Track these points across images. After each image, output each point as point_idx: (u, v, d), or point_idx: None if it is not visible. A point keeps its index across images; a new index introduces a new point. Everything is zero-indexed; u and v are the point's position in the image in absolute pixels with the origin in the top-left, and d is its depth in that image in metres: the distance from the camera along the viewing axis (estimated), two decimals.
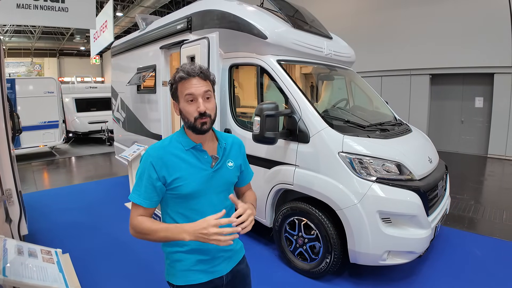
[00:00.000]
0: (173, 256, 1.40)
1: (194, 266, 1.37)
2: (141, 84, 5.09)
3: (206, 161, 1.36)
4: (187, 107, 1.29)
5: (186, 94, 1.28)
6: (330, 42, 4.01)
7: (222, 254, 1.41)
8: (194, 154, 1.34)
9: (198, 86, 1.27)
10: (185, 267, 1.38)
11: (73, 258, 3.29)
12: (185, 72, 1.27)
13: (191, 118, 1.29)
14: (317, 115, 2.90)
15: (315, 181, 2.81)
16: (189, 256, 1.37)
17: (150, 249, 3.56)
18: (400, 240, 2.59)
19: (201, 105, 1.27)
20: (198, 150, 1.35)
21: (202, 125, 1.29)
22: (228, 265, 1.45)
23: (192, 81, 1.28)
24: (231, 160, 1.44)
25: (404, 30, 10.02)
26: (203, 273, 1.38)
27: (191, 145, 1.34)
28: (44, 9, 5.66)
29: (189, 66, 1.29)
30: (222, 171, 1.40)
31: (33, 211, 4.68)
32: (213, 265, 1.39)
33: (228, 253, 1.45)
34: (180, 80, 1.29)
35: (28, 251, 2.29)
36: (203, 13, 3.72)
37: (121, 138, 6.43)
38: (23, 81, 9.28)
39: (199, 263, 1.37)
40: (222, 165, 1.40)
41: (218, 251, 1.39)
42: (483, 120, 9.11)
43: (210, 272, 1.39)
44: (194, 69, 1.28)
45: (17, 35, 24.66)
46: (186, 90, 1.28)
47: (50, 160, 9.18)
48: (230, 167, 1.43)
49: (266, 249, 3.56)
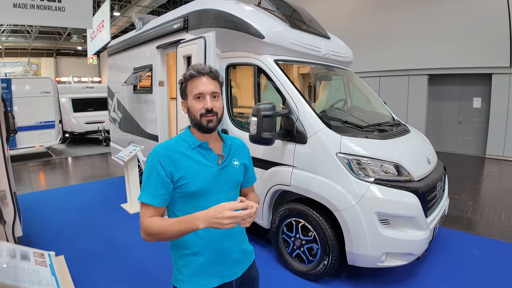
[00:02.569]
0: (181, 260, 1.37)
1: (204, 270, 1.34)
2: (137, 84, 5.05)
3: (212, 159, 1.36)
4: (194, 104, 1.32)
5: (194, 92, 1.32)
6: (328, 42, 3.98)
7: (232, 256, 1.39)
8: (201, 152, 1.35)
9: (207, 85, 1.32)
10: (194, 272, 1.34)
11: (68, 260, 3.27)
12: (195, 70, 1.32)
13: (197, 115, 1.32)
14: (314, 116, 2.87)
15: (312, 182, 2.78)
16: (197, 259, 1.34)
17: (147, 251, 3.53)
18: (399, 242, 2.56)
19: (209, 102, 1.31)
20: (204, 148, 1.36)
21: (208, 122, 1.32)
22: (239, 269, 1.43)
23: (201, 79, 1.32)
24: (236, 159, 1.45)
25: (402, 31, 10.03)
26: (212, 277, 1.35)
27: (197, 143, 1.35)
28: (41, 9, 5.62)
29: (200, 66, 1.35)
30: (229, 169, 1.40)
31: (29, 212, 4.64)
32: (223, 269, 1.37)
33: (238, 255, 1.42)
34: (190, 78, 1.33)
35: (21, 254, 2.25)
36: (199, 12, 3.69)
37: (117, 139, 6.38)
38: (19, 81, 9.20)
39: (208, 266, 1.34)
40: (228, 163, 1.40)
41: (227, 253, 1.37)
42: (481, 120, 9.12)
43: (220, 276, 1.36)
44: (204, 68, 1.33)
45: (14, 34, 24.55)
46: (195, 88, 1.32)
47: (46, 160, 9.12)
48: (236, 165, 1.44)
49: (263, 251, 3.53)
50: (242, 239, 1.47)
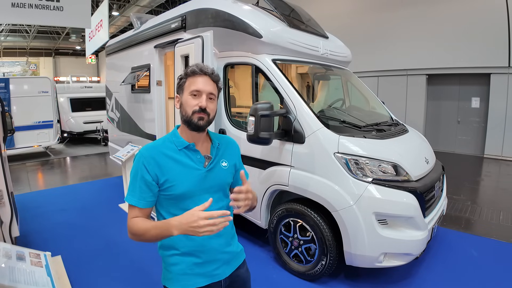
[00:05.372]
0: (169, 259, 1.36)
1: (191, 269, 1.34)
2: (135, 84, 5.03)
3: (199, 160, 1.34)
4: (189, 100, 1.32)
5: (192, 88, 1.31)
6: (326, 42, 3.98)
7: (220, 257, 1.38)
8: (187, 154, 1.33)
9: (206, 84, 1.32)
10: (181, 271, 1.34)
11: (66, 260, 3.25)
12: (198, 68, 1.33)
13: (190, 111, 1.31)
14: (312, 115, 2.86)
15: (310, 182, 2.77)
16: (185, 259, 1.33)
17: (144, 251, 3.52)
18: (397, 242, 2.55)
19: (204, 101, 1.30)
20: (191, 150, 1.34)
21: (198, 119, 1.30)
22: (227, 269, 1.42)
23: (202, 78, 1.32)
24: (225, 160, 1.43)
25: (400, 30, 10.02)
26: (200, 277, 1.35)
27: (184, 145, 1.34)
28: (39, 8, 5.60)
29: (203, 65, 1.35)
30: (216, 171, 1.38)
31: (27, 212, 4.62)
32: (211, 269, 1.36)
33: (227, 255, 1.41)
34: (192, 74, 1.33)
35: (16, 254, 2.24)
36: (197, 12, 3.67)
37: (115, 138, 6.36)
38: (17, 81, 9.17)
39: (196, 266, 1.34)
40: (215, 165, 1.39)
41: (216, 253, 1.36)
42: (480, 120, 9.12)
43: (208, 276, 1.36)
44: (207, 68, 1.34)
45: (12, 34, 24.50)
46: (194, 85, 1.31)
47: (45, 160, 9.08)
48: (224, 167, 1.42)
49: (261, 251, 3.52)
50: (231, 239, 1.46)
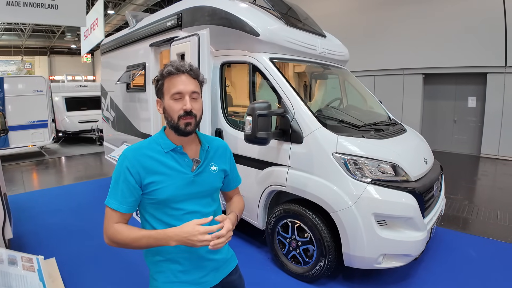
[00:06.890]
0: (155, 267, 1.31)
1: (176, 277, 1.28)
2: (130, 83, 4.98)
3: (186, 164, 1.27)
4: (172, 104, 1.21)
5: (172, 91, 1.20)
6: (324, 40, 3.94)
7: (207, 264, 1.32)
8: (174, 157, 1.26)
9: (187, 84, 1.21)
10: (167, 279, 1.28)
11: (60, 262, 3.19)
12: (174, 67, 1.21)
13: (175, 117, 1.21)
14: (310, 115, 2.83)
15: (308, 182, 2.74)
16: (170, 266, 1.28)
17: (140, 253, 3.46)
18: (396, 243, 2.53)
19: (188, 103, 1.20)
20: (178, 153, 1.27)
21: (186, 125, 1.21)
22: (216, 276, 1.36)
23: (181, 78, 1.21)
24: (214, 164, 1.35)
25: (397, 30, 10.02)
26: (187, 284, 1.28)
27: (171, 147, 1.26)
28: (34, 7, 5.52)
29: (179, 62, 1.23)
30: (204, 175, 1.31)
31: (21, 213, 4.55)
32: (197, 277, 1.30)
33: (215, 262, 1.35)
34: (168, 75, 1.21)
35: (8, 258, 2.18)
36: (193, 10, 3.62)
37: (110, 138, 6.29)
38: (12, 80, 9.06)
39: (182, 274, 1.28)
40: (204, 169, 1.31)
41: (201, 260, 1.30)
42: (476, 119, 9.14)
43: (195, 284, 1.30)
44: (184, 65, 1.22)
45: (7, 33, 24.25)
46: (173, 87, 1.20)
47: (39, 160, 8.99)
48: (213, 171, 1.34)
49: (258, 252, 3.48)
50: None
